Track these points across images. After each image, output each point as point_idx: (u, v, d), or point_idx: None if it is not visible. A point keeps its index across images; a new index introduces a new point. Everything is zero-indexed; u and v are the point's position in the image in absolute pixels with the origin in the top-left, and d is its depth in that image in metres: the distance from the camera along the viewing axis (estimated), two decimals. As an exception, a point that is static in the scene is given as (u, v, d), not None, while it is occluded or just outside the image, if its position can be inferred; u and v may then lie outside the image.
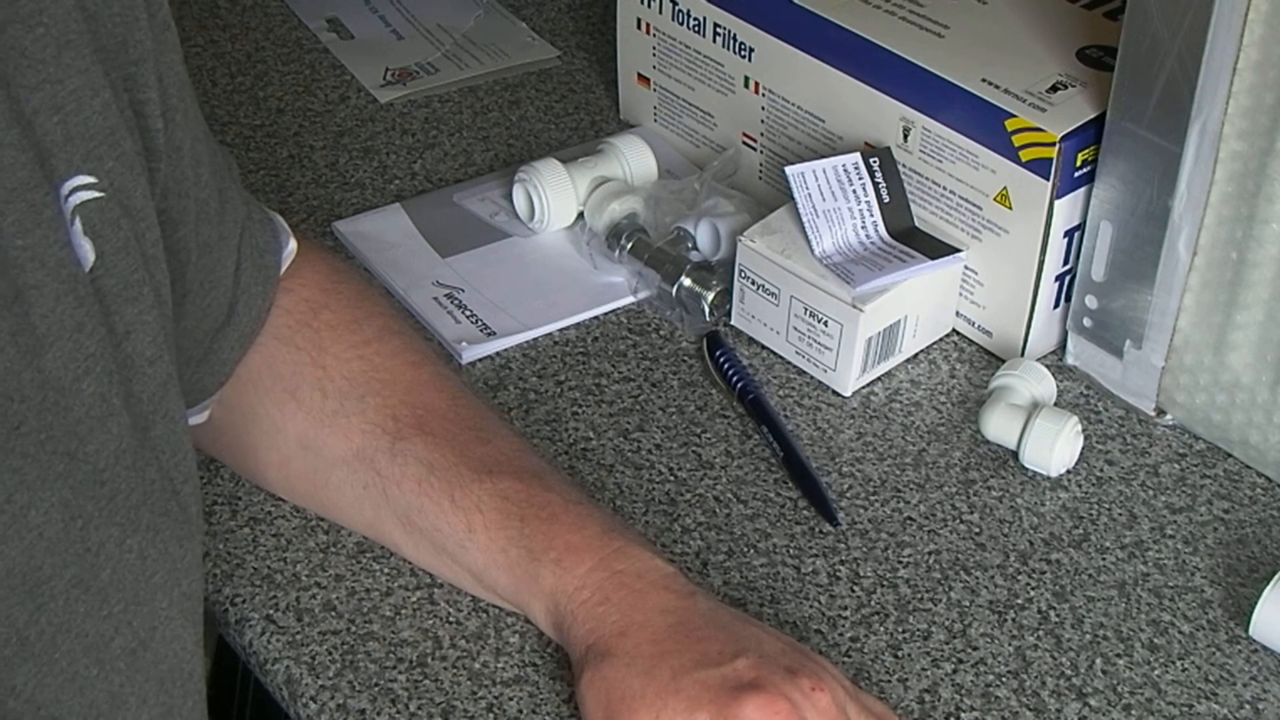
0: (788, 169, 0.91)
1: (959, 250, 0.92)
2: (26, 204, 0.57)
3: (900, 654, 0.78)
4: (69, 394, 0.58)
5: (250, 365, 0.79)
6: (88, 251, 0.60)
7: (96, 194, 0.60)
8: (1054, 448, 0.86)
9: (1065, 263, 0.91)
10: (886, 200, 0.92)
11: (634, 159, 1.03)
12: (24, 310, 0.57)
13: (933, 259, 0.91)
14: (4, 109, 0.57)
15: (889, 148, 0.93)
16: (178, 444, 0.65)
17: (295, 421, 0.79)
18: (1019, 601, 0.81)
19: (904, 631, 0.79)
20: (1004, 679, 0.77)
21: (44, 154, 0.58)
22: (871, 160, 0.91)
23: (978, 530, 0.85)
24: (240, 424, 0.81)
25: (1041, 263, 0.90)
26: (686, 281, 0.95)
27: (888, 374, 0.93)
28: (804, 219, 0.91)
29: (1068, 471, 0.88)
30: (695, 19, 1.02)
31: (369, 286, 0.86)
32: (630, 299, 0.98)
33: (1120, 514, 0.86)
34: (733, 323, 0.96)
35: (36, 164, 0.58)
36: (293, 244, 0.80)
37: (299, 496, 0.83)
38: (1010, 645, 0.79)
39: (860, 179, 0.91)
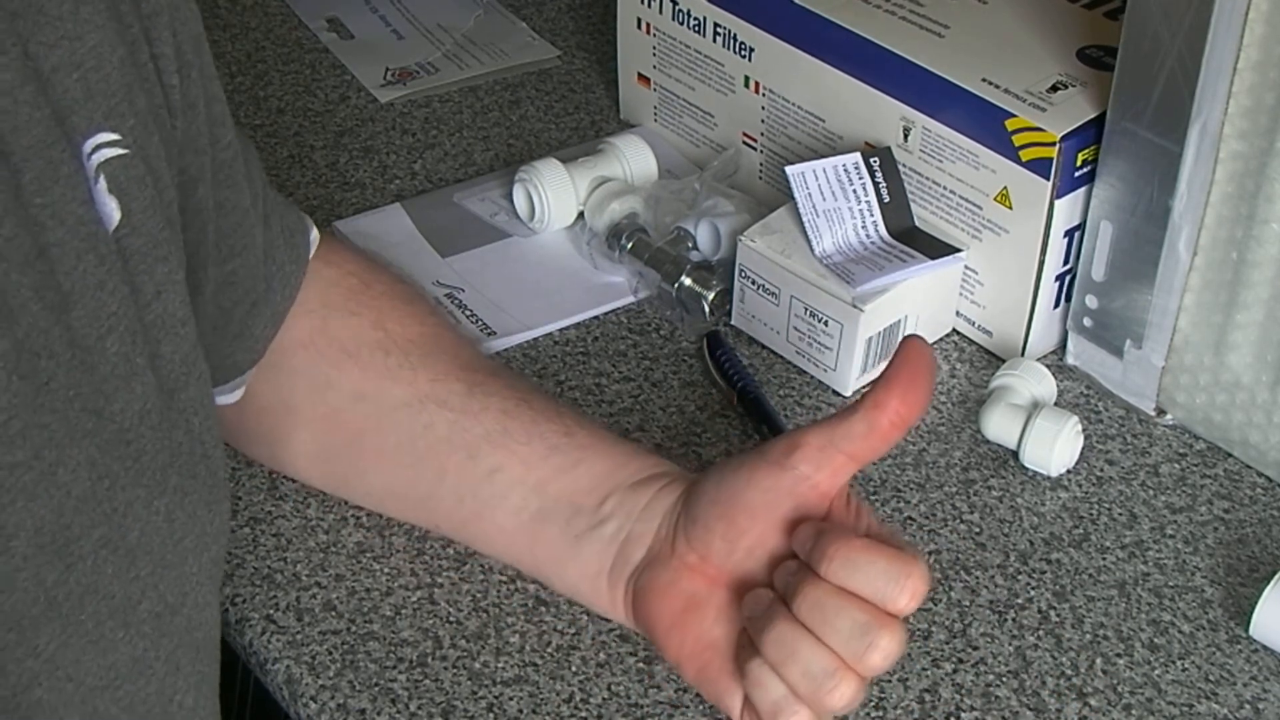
0: (788, 169, 0.91)
1: (959, 250, 0.92)
2: (45, 161, 0.57)
3: (900, 654, 0.78)
4: (94, 352, 0.58)
5: (298, 331, 0.79)
6: (113, 210, 0.60)
7: (121, 151, 0.60)
8: (1054, 447, 0.86)
9: (1065, 263, 0.91)
10: (887, 200, 0.92)
11: (634, 159, 1.03)
12: (48, 267, 0.57)
13: (933, 259, 0.91)
14: (19, 65, 0.56)
15: (889, 147, 0.93)
16: (207, 407, 0.65)
17: (351, 377, 0.79)
18: (1019, 601, 0.81)
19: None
20: (1004, 679, 0.77)
21: (62, 111, 0.58)
22: (872, 160, 0.91)
23: (978, 530, 0.85)
24: (280, 388, 0.80)
25: (1042, 263, 0.90)
26: (686, 281, 0.95)
27: (888, 374, 0.93)
28: (804, 219, 0.91)
29: (1068, 471, 0.88)
30: (695, 19, 1.03)
31: (401, 270, 0.88)
32: (630, 299, 0.98)
33: (1120, 514, 0.86)
34: (733, 323, 0.96)
35: (54, 121, 0.58)
36: (315, 231, 0.81)
37: (331, 454, 0.82)
38: (1010, 645, 0.79)
39: (860, 179, 0.91)
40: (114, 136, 0.60)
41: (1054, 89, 0.89)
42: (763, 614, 0.67)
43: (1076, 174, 0.88)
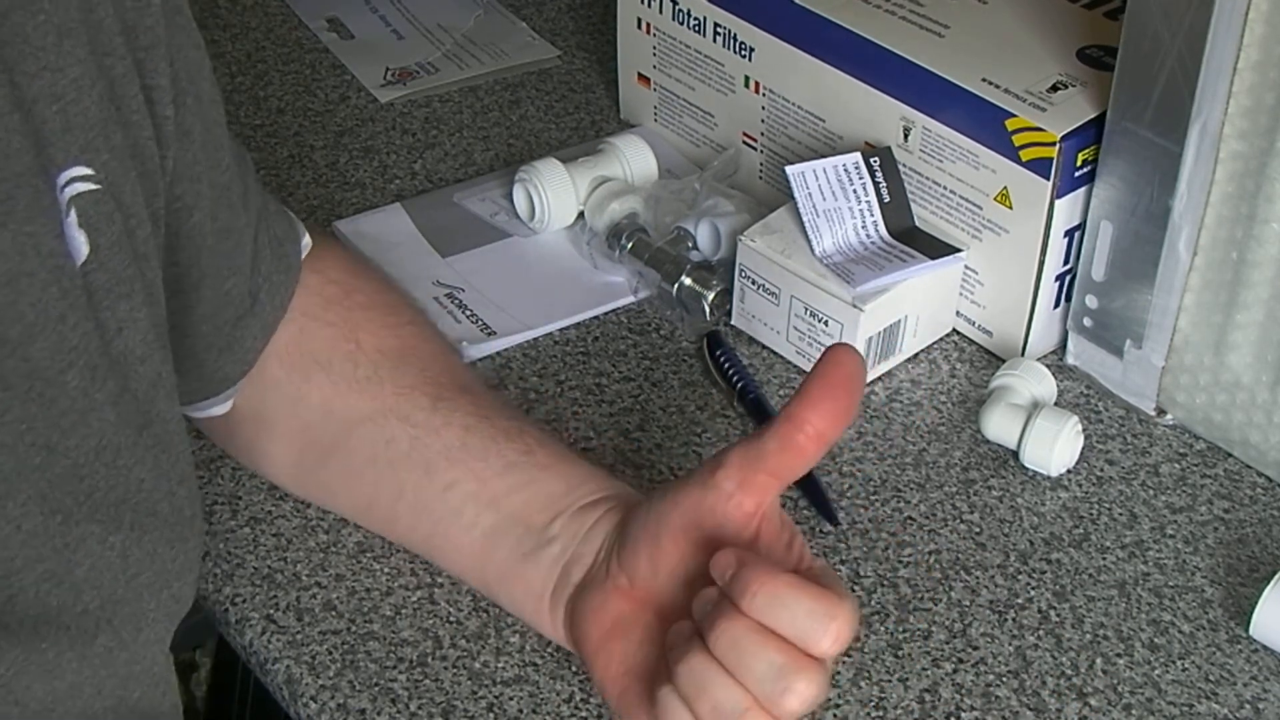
0: (788, 169, 0.91)
1: (959, 250, 0.92)
2: (32, 190, 0.57)
3: (900, 653, 0.78)
4: (55, 385, 0.58)
5: (276, 341, 0.79)
6: (81, 245, 0.59)
7: (93, 186, 0.60)
8: (1054, 447, 0.86)
9: (1065, 262, 0.91)
10: (887, 200, 0.92)
11: (634, 159, 1.03)
12: (13, 298, 0.57)
13: (933, 259, 0.91)
14: (6, 94, 0.56)
15: (889, 147, 0.93)
16: (171, 443, 0.65)
17: (321, 390, 0.79)
18: (1019, 601, 0.81)
19: (904, 631, 0.79)
20: (1004, 679, 0.77)
21: (42, 142, 0.58)
22: (872, 160, 0.91)
23: (978, 530, 0.85)
24: (258, 400, 0.80)
25: (1042, 262, 0.90)
26: (687, 281, 0.95)
27: (888, 374, 0.93)
28: (804, 219, 0.91)
29: (1068, 471, 0.88)
30: (695, 19, 1.02)
31: (390, 278, 0.87)
32: (630, 299, 0.98)
33: (1120, 514, 0.86)
34: (733, 322, 0.96)
35: (35, 151, 0.57)
36: (307, 237, 0.81)
37: (304, 469, 0.82)
38: (1010, 645, 0.79)
39: (860, 179, 0.91)
40: (88, 171, 0.60)
41: (1054, 89, 0.89)
42: (681, 644, 0.65)
43: (1076, 174, 0.88)
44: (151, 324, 0.63)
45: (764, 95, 1.00)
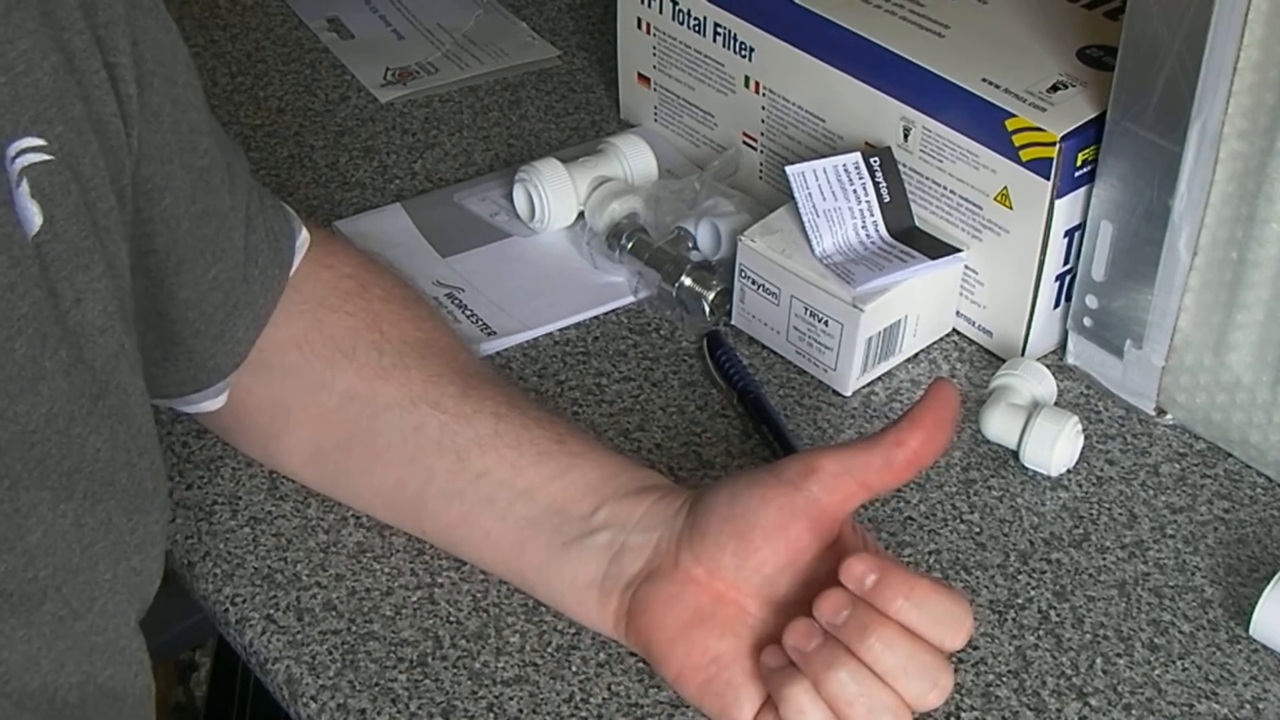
0: (788, 169, 0.91)
1: (959, 250, 0.92)
2: None
3: (900, 654, 0.78)
4: (2, 352, 0.58)
5: (293, 329, 0.79)
6: (34, 215, 0.59)
7: (45, 157, 0.60)
8: (1054, 447, 0.86)
9: (1065, 262, 0.91)
10: (887, 200, 0.92)
11: (634, 159, 1.03)
12: None
13: (933, 259, 0.91)
14: None
15: (889, 147, 0.93)
16: (132, 415, 0.65)
17: (345, 376, 0.79)
18: (1019, 601, 0.81)
19: (904, 631, 0.79)
20: (1004, 679, 0.77)
21: None
22: (872, 160, 0.91)
23: (978, 530, 0.85)
24: (276, 387, 0.80)
25: (1042, 262, 0.90)
26: (687, 281, 0.95)
27: (888, 374, 0.93)
28: (804, 219, 0.91)
29: (1068, 471, 0.88)
30: (695, 19, 1.03)
31: (401, 273, 0.87)
32: (630, 299, 0.98)
33: (1120, 514, 0.86)
34: (733, 322, 0.96)
35: None
36: (305, 233, 0.81)
37: (323, 456, 0.81)
38: (1010, 645, 0.79)
39: (860, 179, 0.91)
40: (39, 142, 0.60)
41: (1054, 89, 0.89)
42: (819, 649, 0.66)
43: (1076, 174, 0.88)
44: (114, 296, 0.63)
45: (764, 95, 1.01)
